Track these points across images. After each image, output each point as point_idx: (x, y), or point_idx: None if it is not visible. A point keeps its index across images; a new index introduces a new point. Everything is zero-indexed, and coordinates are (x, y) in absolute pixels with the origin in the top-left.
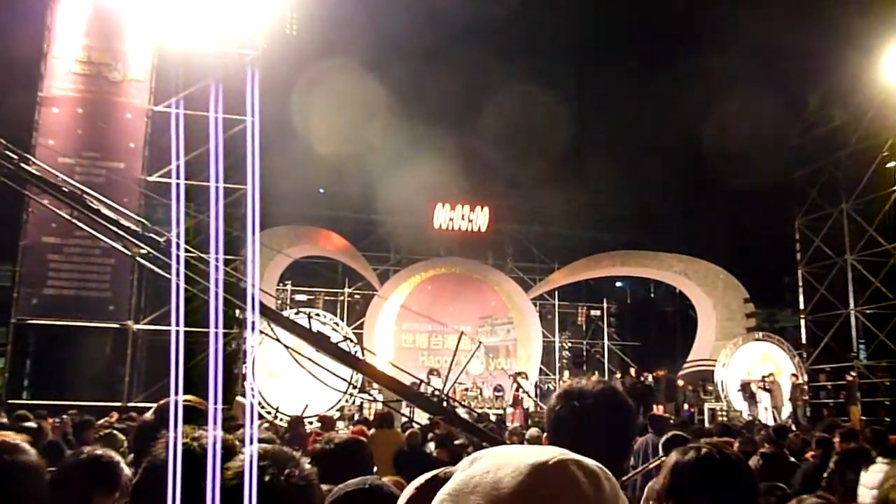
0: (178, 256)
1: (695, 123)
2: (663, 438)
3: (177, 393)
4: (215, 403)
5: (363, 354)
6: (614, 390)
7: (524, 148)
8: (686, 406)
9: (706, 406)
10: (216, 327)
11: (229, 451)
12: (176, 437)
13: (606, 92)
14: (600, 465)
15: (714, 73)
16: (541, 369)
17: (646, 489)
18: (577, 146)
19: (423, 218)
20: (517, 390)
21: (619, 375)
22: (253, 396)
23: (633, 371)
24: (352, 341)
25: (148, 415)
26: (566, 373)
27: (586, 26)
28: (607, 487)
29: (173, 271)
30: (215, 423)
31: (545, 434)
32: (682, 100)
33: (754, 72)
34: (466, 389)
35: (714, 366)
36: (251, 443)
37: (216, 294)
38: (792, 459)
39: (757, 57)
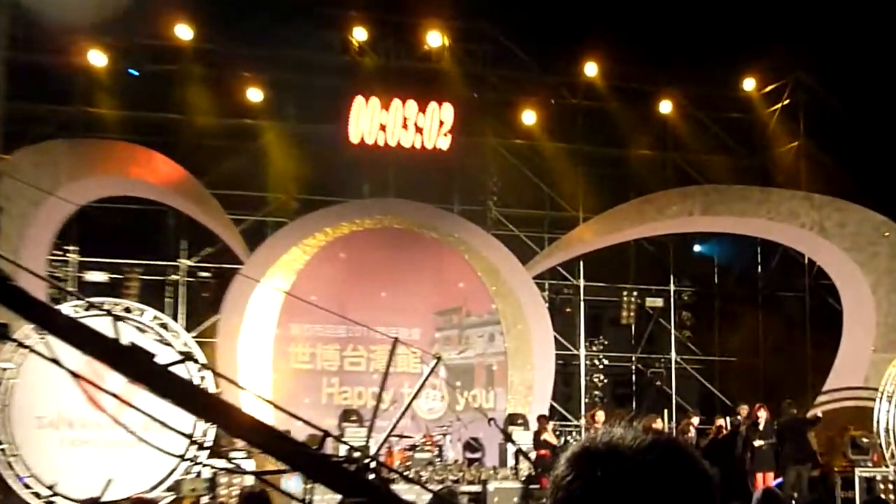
0: None
1: None
2: None
3: None
4: None
5: (217, 386)
6: (675, 448)
7: None
8: (818, 470)
9: (857, 472)
10: None
11: None
12: None
13: None
14: None
15: None
16: (553, 408)
17: None
18: None
19: (330, 126)
20: (540, 444)
21: (695, 419)
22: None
23: (724, 419)
24: (196, 362)
25: None
26: (600, 414)
27: None
28: None
29: None
30: None
31: None
32: None
33: None
34: (413, 447)
35: (873, 399)
36: None
37: None
38: None
39: None
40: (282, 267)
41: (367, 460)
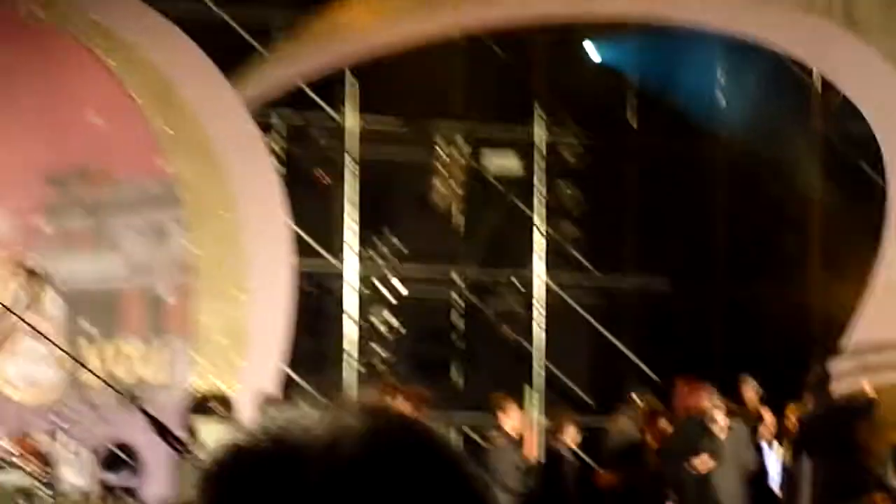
0: None
1: None
2: None
3: None
4: None
5: None
6: (414, 448)
7: None
8: None
9: None
10: None
11: None
12: None
13: None
14: None
15: None
16: (292, 383)
17: None
18: None
19: None
20: None
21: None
22: None
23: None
24: None
25: None
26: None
27: None
28: None
29: None
30: None
31: None
32: None
33: None
34: None
35: None
36: None
37: None
38: None
39: None
40: None
41: None
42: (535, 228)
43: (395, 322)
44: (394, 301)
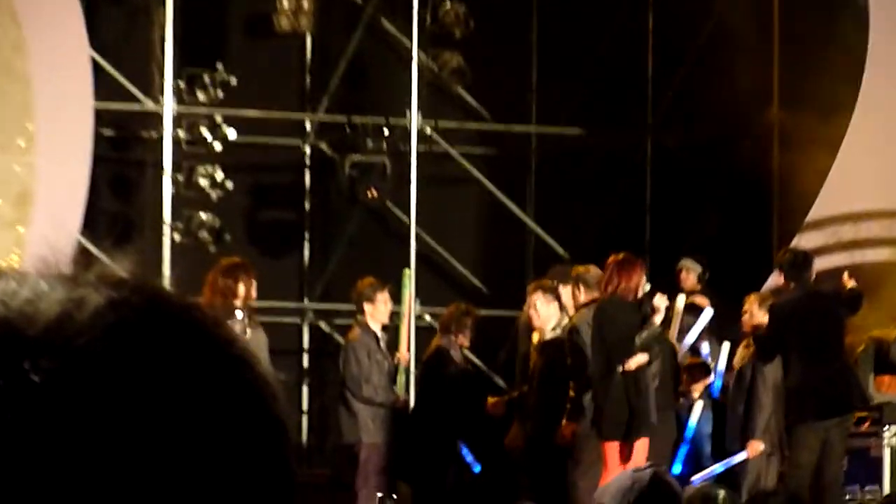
0: None
1: None
2: None
3: None
4: None
5: None
6: (175, 321)
7: None
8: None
9: (889, 437)
10: None
11: None
12: None
13: None
14: None
15: None
16: (88, 257)
17: None
18: None
19: None
20: None
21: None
22: None
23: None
24: None
25: None
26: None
27: None
28: None
29: None
30: None
31: None
32: None
33: None
34: None
35: None
36: None
37: None
38: None
39: None
40: None
41: None
42: (410, 60)
43: (224, 179)
44: (222, 146)
